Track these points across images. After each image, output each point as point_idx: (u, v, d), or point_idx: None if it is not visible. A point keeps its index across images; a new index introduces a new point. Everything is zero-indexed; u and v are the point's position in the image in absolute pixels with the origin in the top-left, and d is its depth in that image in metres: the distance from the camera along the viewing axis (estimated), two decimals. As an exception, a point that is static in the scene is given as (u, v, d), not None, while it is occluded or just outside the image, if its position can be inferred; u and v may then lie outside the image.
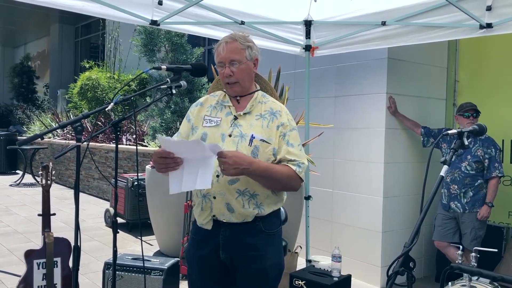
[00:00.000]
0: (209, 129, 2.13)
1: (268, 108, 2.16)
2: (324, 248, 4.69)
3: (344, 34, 4.12)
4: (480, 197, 3.95)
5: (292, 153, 2.09)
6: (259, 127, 2.10)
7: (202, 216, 2.14)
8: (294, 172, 2.07)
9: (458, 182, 3.99)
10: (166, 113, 6.63)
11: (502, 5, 3.19)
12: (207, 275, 2.18)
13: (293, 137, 2.13)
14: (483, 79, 4.57)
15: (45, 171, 3.25)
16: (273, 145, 2.08)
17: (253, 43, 2.17)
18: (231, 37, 2.13)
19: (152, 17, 3.63)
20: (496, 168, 3.91)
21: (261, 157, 2.05)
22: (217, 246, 2.11)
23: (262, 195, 2.08)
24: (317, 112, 4.77)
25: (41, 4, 3.14)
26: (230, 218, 2.07)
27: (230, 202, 2.05)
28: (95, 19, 15.06)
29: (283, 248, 2.29)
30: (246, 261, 2.10)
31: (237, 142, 2.06)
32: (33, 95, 18.10)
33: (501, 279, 1.91)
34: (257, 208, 2.07)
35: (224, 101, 2.20)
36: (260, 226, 2.10)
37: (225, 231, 2.10)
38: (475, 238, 3.91)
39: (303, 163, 2.11)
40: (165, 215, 5.03)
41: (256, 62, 2.19)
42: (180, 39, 6.19)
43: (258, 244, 2.10)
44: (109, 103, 2.12)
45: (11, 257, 4.95)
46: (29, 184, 10.06)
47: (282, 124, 2.12)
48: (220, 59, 2.11)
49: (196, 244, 2.20)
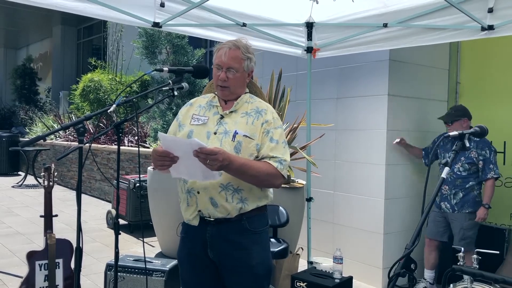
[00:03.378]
0: (196, 127, 2.19)
1: (254, 107, 2.20)
2: (325, 250, 4.69)
3: (345, 36, 4.13)
4: (470, 199, 3.96)
5: (275, 149, 2.12)
6: (243, 124, 2.14)
7: (189, 212, 2.18)
8: (275, 169, 2.09)
9: (449, 183, 4.01)
10: (167, 115, 6.64)
11: (504, 7, 3.19)
12: (200, 274, 2.22)
13: (277, 134, 2.16)
14: (485, 81, 4.57)
15: (47, 173, 3.26)
16: (256, 141, 2.11)
17: (253, 55, 2.22)
18: (235, 44, 2.17)
19: (154, 19, 3.63)
20: (491, 170, 3.90)
21: (244, 152, 2.08)
22: (205, 244, 2.15)
23: (246, 190, 2.11)
24: (318, 113, 4.78)
25: (43, 6, 3.15)
26: (214, 213, 2.10)
27: (213, 197, 2.09)
28: (97, 21, 15.09)
29: (269, 246, 2.31)
30: (233, 259, 2.14)
31: (221, 138, 2.11)
32: (35, 97, 18.15)
33: (502, 281, 1.91)
34: (240, 203, 2.10)
35: (213, 102, 2.26)
36: (245, 225, 2.13)
37: (211, 229, 2.14)
38: (463, 238, 3.92)
39: (285, 160, 2.13)
40: (167, 217, 5.03)
41: (251, 73, 2.25)
42: (181, 41, 6.20)
43: (244, 242, 2.13)
44: (111, 104, 2.13)
45: (13, 258, 4.96)
46: (31, 186, 10.08)
47: (266, 121, 2.15)
48: (219, 62, 2.15)
49: (186, 243, 2.25)
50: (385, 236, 4.34)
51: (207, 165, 1.91)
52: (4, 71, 21.33)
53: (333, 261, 3.44)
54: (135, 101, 2.25)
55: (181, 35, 5.95)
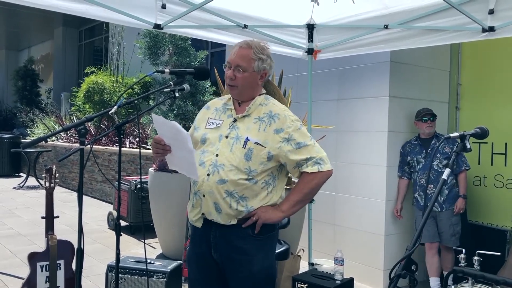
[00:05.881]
0: (210, 130, 2.20)
1: (268, 111, 2.17)
2: (326, 251, 4.69)
3: (346, 38, 4.13)
4: (454, 194, 4.11)
5: (305, 152, 2.11)
6: (255, 130, 2.12)
7: (193, 213, 2.19)
8: (316, 173, 2.12)
9: (434, 181, 4.05)
10: (169, 116, 6.63)
11: (504, 8, 3.19)
12: (206, 273, 2.22)
13: (301, 136, 2.14)
14: (486, 82, 4.56)
15: (49, 174, 3.27)
16: (268, 148, 2.09)
17: (267, 56, 2.18)
18: (247, 43, 2.17)
19: (155, 20, 3.64)
20: (463, 162, 4.15)
21: (255, 160, 2.08)
22: (209, 245, 2.16)
23: (251, 198, 2.11)
24: (319, 115, 4.78)
25: (45, 8, 3.15)
26: (217, 219, 2.11)
27: (218, 202, 2.09)
28: (99, 22, 15.11)
29: (274, 254, 2.28)
30: (234, 264, 2.14)
31: (232, 144, 2.11)
32: (37, 98, 18.17)
33: (504, 282, 1.91)
34: (245, 209, 2.10)
35: (228, 104, 2.26)
36: (248, 230, 2.12)
37: (215, 231, 2.14)
38: (453, 234, 4.05)
39: (321, 157, 2.14)
40: (168, 218, 5.03)
41: (264, 75, 2.20)
42: (184, 42, 6.19)
43: (246, 248, 2.12)
44: (113, 106, 2.13)
45: (14, 259, 4.96)
46: (33, 187, 10.08)
47: (281, 130, 2.12)
48: (228, 60, 2.17)
49: (193, 242, 2.27)
50: (386, 238, 4.33)
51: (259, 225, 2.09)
52: (6, 73, 21.37)
53: (334, 262, 3.43)
54: (136, 102, 2.25)
55: (184, 36, 5.95)
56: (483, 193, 4.46)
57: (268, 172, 2.13)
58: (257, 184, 2.10)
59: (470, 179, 4.40)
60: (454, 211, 4.06)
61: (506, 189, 4.29)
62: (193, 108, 5.81)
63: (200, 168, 2.11)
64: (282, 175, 2.22)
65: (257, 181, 2.10)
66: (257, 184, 2.10)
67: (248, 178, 2.08)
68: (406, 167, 4.29)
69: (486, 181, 4.45)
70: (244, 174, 2.07)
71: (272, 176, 2.15)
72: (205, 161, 2.13)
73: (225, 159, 2.08)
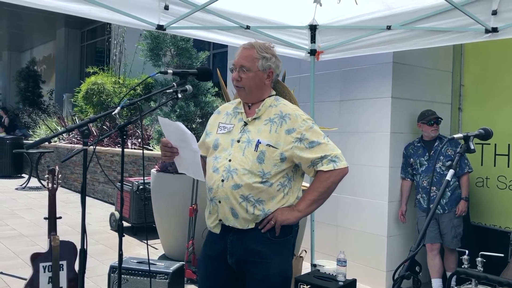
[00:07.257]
0: (221, 135, 2.19)
1: (278, 112, 2.15)
2: (329, 253, 4.68)
3: (349, 39, 4.12)
4: (457, 197, 4.11)
5: (319, 150, 2.10)
6: (266, 132, 2.11)
7: (210, 220, 2.18)
8: (331, 171, 2.09)
9: (437, 183, 4.06)
10: (171, 117, 6.63)
11: (508, 9, 3.18)
12: (212, 277, 2.21)
13: (314, 134, 2.12)
14: (489, 83, 4.55)
15: (52, 175, 3.27)
16: (280, 149, 2.08)
17: (271, 55, 2.18)
18: (250, 43, 2.17)
19: (158, 21, 3.65)
20: (466, 165, 4.12)
21: (268, 162, 2.06)
22: (225, 250, 2.14)
23: (267, 201, 2.09)
24: (322, 116, 4.77)
25: (48, 9, 3.16)
26: (234, 224, 2.09)
27: (234, 207, 2.07)
28: (101, 23, 15.16)
29: (291, 257, 2.26)
30: (251, 267, 2.12)
31: (244, 147, 2.09)
32: (39, 99, 18.21)
33: (507, 284, 1.91)
34: (262, 213, 2.08)
35: (238, 108, 2.25)
36: (266, 233, 2.10)
37: (232, 236, 2.12)
38: (455, 236, 4.07)
39: (335, 155, 2.12)
40: (170, 219, 5.03)
41: (271, 74, 2.19)
42: (186, 43, 6.20)
43: (263, 251, 2.10)
44: (116, 107, 2.14)
45: (17, 260, 4.97)
46: (35, 188, 10.09)
47: (293, 130, 2.09)
48: (233, 62, 2.17)
49: (206, 245, 2.26)
50: (389, 239, 4.33)
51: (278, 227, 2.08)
52: (8, 74, 21.43)
53: (336, 263, 3.43)
54: (139, 103, 2.25)
55: (186, 37, 5.96)
56: (486, 195, 4.45)
57: (283, 173, 2.10)
58: (272, 186, 2.07)
59: (472, 180, 4.39)
60: (456, 214, 4.06)
61: (509, 190, 4.28)
62: (195, 109, 5.81)
63: (214, 175, 2.11)
64: (297, 176, 2.19)
65: (272, 183, 2.07)
66: (272, 187, 2.08)
67: (262, 181, 2.06)
68: (409, 168, 4.28)
69: (489, 182, 4.44)
70: (258, 177, 2.05)
71: (287, 177, 2.13)
72: (219, 167, 2.11)
73: (238, 164, 2.07)
